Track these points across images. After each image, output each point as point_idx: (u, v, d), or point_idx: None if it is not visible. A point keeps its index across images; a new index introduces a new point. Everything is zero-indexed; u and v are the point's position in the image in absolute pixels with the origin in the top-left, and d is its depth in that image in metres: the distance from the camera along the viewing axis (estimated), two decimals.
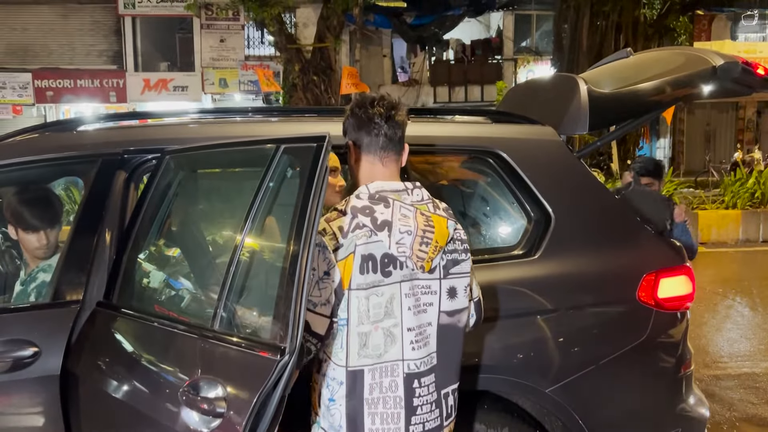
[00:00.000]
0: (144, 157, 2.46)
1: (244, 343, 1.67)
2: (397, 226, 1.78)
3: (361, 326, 1.77)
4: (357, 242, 1.76)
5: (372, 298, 1.77)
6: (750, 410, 4.37)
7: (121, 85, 19.43)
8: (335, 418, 1.80)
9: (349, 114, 1.92)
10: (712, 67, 2.66)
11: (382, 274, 1.78)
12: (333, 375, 1.80)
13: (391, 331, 1.79)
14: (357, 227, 1.78)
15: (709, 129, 23.46)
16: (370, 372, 1.79)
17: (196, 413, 1.64)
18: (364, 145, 1.90)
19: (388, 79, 21.03)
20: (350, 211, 1.80)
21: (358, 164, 1.92)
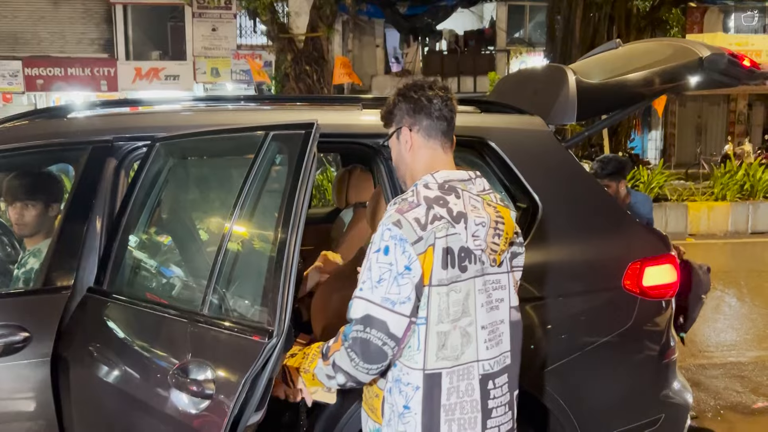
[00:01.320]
0: (134, 144, 2.47)
1: (233, 327, 1.70)
2: (471, 218, 1.67)
3: (440, 325, 1.66)
4: (437, 234, 1.63)
5: (451, 295, 1.66)
6: (734, 398, 4.43)
7: (113, 74, 19.32)
8: (408, 426, 1.67)
9: (401, 98, 1.80)
10: (698, 58, 2.68)
11: (459, 269, 1.66)
12: (407, 380, 1.67)
13: (467, 330, 1.69)
14: (435, 218, 1.64)
15: (700, 121, 23.58)
16: (447, 375, 1.67)
17: (185, 395, 1.66)
18: (425, 130, 1.78)
19: (381, 69, 21.00)
20: (423, 201, 1.66)
21: (414, 151, 1.79)
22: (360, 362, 1.59)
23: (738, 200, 11.11)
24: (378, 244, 1.64)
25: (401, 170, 1.86)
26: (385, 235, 1.63)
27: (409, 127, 1.79)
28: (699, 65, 2.69)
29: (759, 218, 10.91)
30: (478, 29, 21.81)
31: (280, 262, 1.56)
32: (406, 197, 1.71)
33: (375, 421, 1.77)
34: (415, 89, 1.79)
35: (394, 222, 1.63)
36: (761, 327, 6.08)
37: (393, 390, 1.70)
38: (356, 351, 1.59)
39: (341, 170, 4.18)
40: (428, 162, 1.79)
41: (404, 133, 1.80)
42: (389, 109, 1.84)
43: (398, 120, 1.81)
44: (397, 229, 1.62)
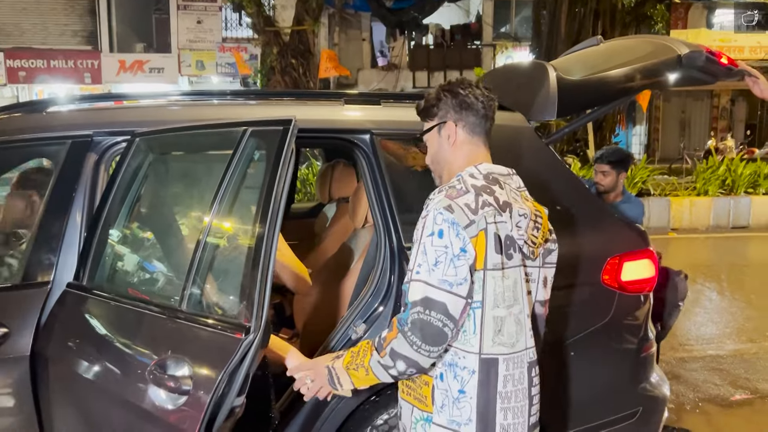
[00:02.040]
0: (114, 139, 2.46)
1: (211, 323, 1.70)
2: (515, 208, 1.73)
3: (496, 309, 1.68)
4: (487, 220, 1.67)
5: (504, 281, 1.69)
6: (713, 391, 4.49)
7: (96, 66, 19.12)
8: (463, 411, 1.67)
9: (447, 93, 1.83)
10: (677, 55, 2.71)
11: (506, 257, 1.70)
12: (463, 364, 1.68)
13: (519, 318, 1.72)
14: (485, 204, 1.68)
15: (684, 117, 23.76)
16: (504, 362, 1.69)
17: (163, 391, 1.66)
18: (470, 126, 1.82)
19: (367, 63, 20.95)
20: (471, 188, 1.71)
21: (457, 147, 1.83)
22: (422, 345, 1.59)
23: (720, 195, 11.23)
24: (431, 227, 1.65)
25: (438, 164, 1.89)
26: (437, 218, 1.65)
27: (454, 122, 1.83)
28: (678, 62, 2.72)
29: (740, 213, 11.04)
30: (465, 24, 21.81)
31: (257, 258, 1.57)
32: (453, 185, 1.73)
33: (423, 409, 1.75)
34: (462, 86, 1.83)
35: (445, 207, 1.65)
36: (740, 320, 6.16)
37: (446, 375, 1.70)
38: (417, 334, 1.59)
39: (324, 165, 4.18)
40: (469, 157, 1.83)
41: (448, 128, 1.83)
42: (431, 103, 1.86)
43: (442, 114, 1.84)
44: (449, 214, 1.64)
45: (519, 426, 1.72)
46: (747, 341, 5.54)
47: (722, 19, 23.27)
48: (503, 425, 1.69)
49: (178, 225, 2.26)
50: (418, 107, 1.92)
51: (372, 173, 2.63)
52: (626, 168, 4.48)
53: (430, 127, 1.88)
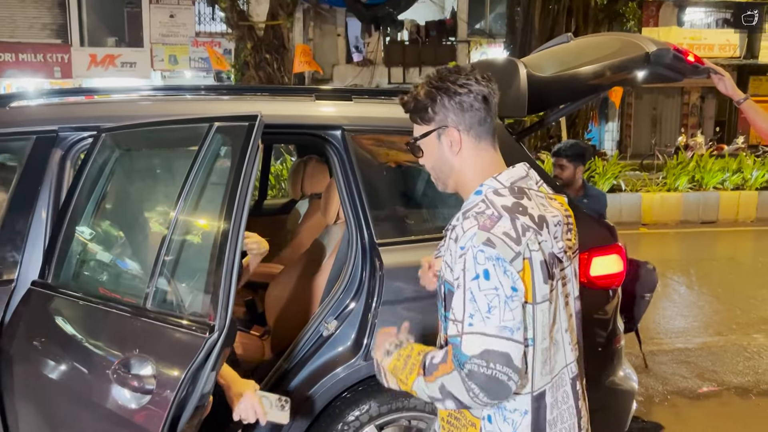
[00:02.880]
0: (80, 134, 2.43)
1: (175, 321, 1.68)
2: (549, 219, 1.54)
3: (544, 342, 1.53)
4: (531, 247, 1.47)
5: (551, 308, 1.53)
6: (681, 384, 4.57)
7: (66, 60, 18.83)
8: None
9: (443, 93, 1.56)
10: (645, 53, 2.74)
11: (551, 278, 1.53)
12: (514, 406, 1.54)
13: (556, 338, 1.57)
14: (525, 230, 1.47)
15: (655, 113, 24.10)
16: (549, 390, 1.57)
17: (127, 391, 1.64)
18: (475, 131, 1.58)
19: (342, 58, 20.91)
20: (504, 211, 1.49)
21: (463, 154, 1.59)
22: (482, 397, 1.42)
23: (689, 191, 11.41)
24: (473, 270, 1.44)
25: (442, 172, 1.65)
26: (479, 258, 1.44)
27: (456, 127, 1.58)
28: (646, 59, 2.75)
29: (708, 208, 11.23)
30: (440, 20, 21.86)
31: (222, 256, 1.55)
32: (482, 210, 1.51)
33: None
34: (457, 82, 1.55)
35: (484, 242, 1.44)
36: (708, 314, 6.28)
37: (495, 418, 1.56)
38: (478, 386, 1.41)
39: (296, 161, 4.17)
40: (483, 166, 1.60)
41: (450, 135, 1.58)
42: (424, 103, 1.59)
43: (440, 119, 1.58)
44: (491, 250, 1.44)
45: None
46: (714, 334, 5.64)
47: (692, 17, 23.65)
48: None
49: (144, 222, 2.23)
50: (406, 105, 1.65)
51: (343, 169, 2.62)
52: (584, 161, 4.51)
53: (426, 133, 1.62)
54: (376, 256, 2.52)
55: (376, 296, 2.50)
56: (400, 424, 2.60)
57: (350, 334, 2.52)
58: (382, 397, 2.52)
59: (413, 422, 2.61)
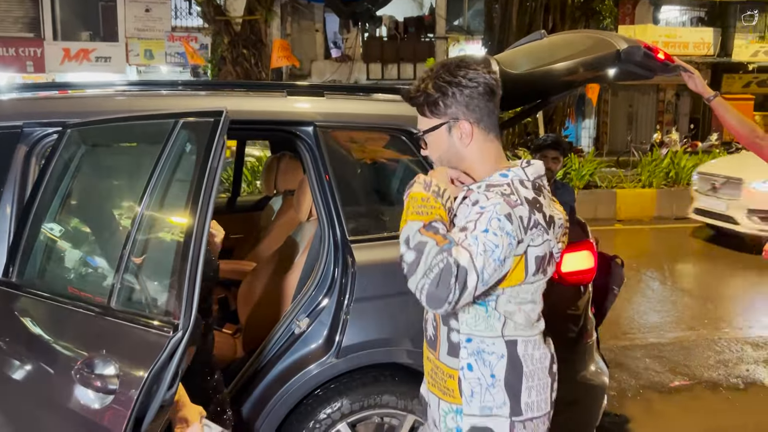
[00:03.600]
0: (45, 130, 2.38)
1: (139, 320, 1.66)
2: (556, 221, 1.66)
3: (508, 305, 1.66)
4: (532, 242, 1.59)
5: (523, 287, 1.66)
6: (654, 378, 4.62)
7: (39, 55, 18.52)
8: (497, 396, 1.68)
9: (455, 87, 1.62)
10: (616, 50, 2.75)
11: (542, 273, 1.67)
12: (491, 349, 1.67)
13: (530, 315, 1.71)
14: (534, 225, 1.58)
15: (631, 110, 24.34)
16: (523, 343, 1.69)
17: (90, 391, 1.62)
18: (485, 123, 1.65)
19: (320, 54, 20.82)
20: (525, 202, 1.58)
21: (474, 147, 1.67)
22: (428, 282, 1.46)
23: (663, 187, 11.54)
24: (485, 225, 1.52)
25: (451, 164, 1.70)
26: (493, 223, 1.52)
27: (467, 119, 1.64)
28: (617, 57, 2.77)
29: (683, 204, 11.37)
30: (418, 16, 21.86)
31: (186, 253, 1.53)
32: (508, 192, 1.59)
33: (450, 401, 1.73)
34: (467, 75, 1.62)
35: (505, 215, 1.53)
36: (681, 309, 6.36)
37: (475, 365, 1.68)
38: (439, 273, 1.46)
39: (270, 157, 4.14)
40: (490, 157, 1.68)
41: (462, 127, 1.65)
42: (435, 98, 1.64)
43: (453, 112, 1.64)
44: (508, 224, 1.53)
45: (542, 402, 1.73)
46: (686, 329, 5.71)
47: (668, 15, 23.93)
48: (527, 403, 1.70)
49: (110, 219, 2.19)
50: (414, 99, 1.69)
51: (315, 165, 2.61)
52: (564, 153, 4.59)
53: (436, 126, 1.67)
54: (348, 253, 2.51)
55: (348, 293, 2.49)
56: (373, 421, 2.59)
57: (322, 332, 2.51)
58: (354, 394, 2.51)
59: (385, 419, 2.61)
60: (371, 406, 2.53)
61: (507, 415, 1.69)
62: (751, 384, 4.55)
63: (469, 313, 1.68)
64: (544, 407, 1.75)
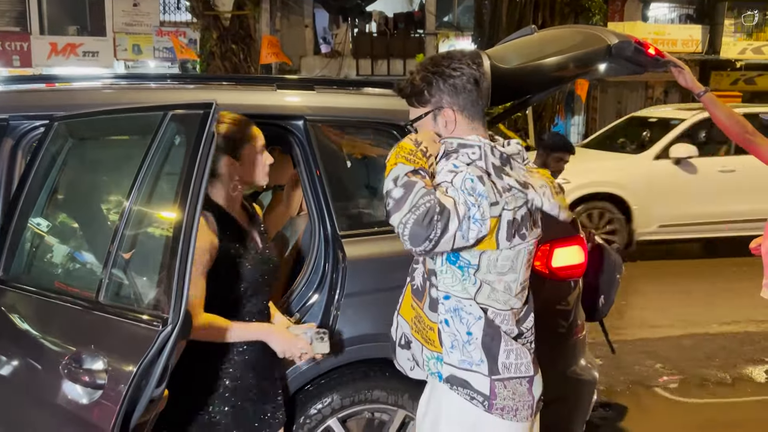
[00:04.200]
0: (32, 123, 2.35)
1: (127, 314, 1.64)
2: (534, 183, 1.76)
3: (488, 275, 1.74)
4: (507, 206, 1.68)
5: (502, 254, 1.73)
6: (643, 373, 4.65)
7: (26, 49, 18.32)
8: (474, 354, 1.76)
9: (438, 76, 1.73)
10: (607, 45, 2.75)
11: (519, 237, 1.73)
12: (469, 310, 1.76)
13: (510, 285, 1.79)
14: (505, 189, 1.69)
15: (620, 107, 24.39)
16: (494, 314, 1.78)
17: (78, 386, 1.60)
18: (468, 111, 1.76)
19: (310, 50, 20.72)
20: (492, 169, 1.70)
21: (458, 133, 1.77)
22: (412, 219, 1.55)
23: None
24: (461, 183, 1.62)
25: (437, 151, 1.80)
26: (466, 183, 1.62)
27: (451, 107, 1.75)
28: (607, 52, 2.76)
29: None
30: (408, 12, 21.80)
31: (175, 247, 1.51)
32: (474, 160, 1.71)
33: (432, 350, 1.83)
34: (452, 66, 1.73)
35: (477, 176, 1.63)
36: (669, 305, 6.39)
37: (452, 321, 1.76)
38: (424, 213, 1.54)
39: None
40: None
41: (446, 115, 1.76)
42: (420, 87, 1.76)
43: (436, 101, 1.76)
44: (480, 185, 1.62)
45: (517, 365, 1.80)
46: (672, 326, 5.74)
47: (657, 12, 24.00)
48: (505, 364, 1.77)
49: (98, 213, 2.17)
50: (403, 91, 1.81)
51: (306, 160, 2.59)
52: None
53: (422, 114, 1.79)
54: (339, 248, 2.50)
55: (339, 288, 2.48)
56: (363, 416, 2.59)
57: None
58: (344, 389, 2.50)
59: (376, 414, 2.60)
60: (362, 401, 2.52)
61: (486, 373, 1.77)
62: (739, 379, 4.59)
63: (447, 273, 1.76)
64: (524, 371, 1.81)
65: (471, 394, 1.79)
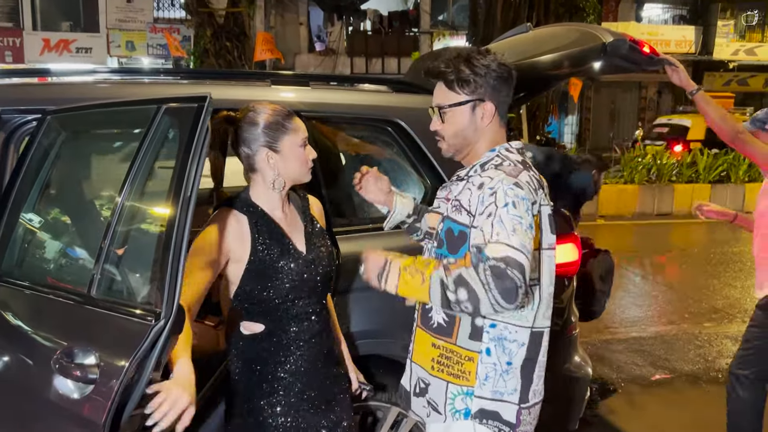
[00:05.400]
0: (24, 117, 2.33)
1: (120, 308, 1.62)
2: (543, 183, 1.79)
3: (550, 287, 1.77)
4: (542, 201, 1.72)
5: (553, 256, 1.77)
6: (635, 371, 4.66)
7: (18, 45, 18.24)
8: (509, 383, 1.74)
9: (489, 70, 1.74)
10: (602, 43, 2.75)
11: (555, 235, 1.79)
12: (514, 337, 1.74)
13: (551, 301, 1.82)
14: (539, 186, 1.73)
15: (614, 107, 24.48)
16: (546, 335, 1.80)
17: (69, 381, 1.58)
18: (502, 108, 1.80)
19: (304, 47, 20.70)
20: (520, 164, 1.73)
21: (488, 127, 1.80)
22: (494, 289, 1.52)
23: (645, 184, 11.63)
24: (504, 199, 1.63)
25: (465, 140, 1.81)
26: (509, 193, 1.63)
27: (492, 101, 1.77)
28: (603, 50, 2.77)
29: (664, 201, 11.47)
30: (402, 10, 21.81)
31: (168, 241, 1.50)
32: (499, 162, 1.74)
33: (461, 384, 1.78)
34: (497, 60, 1.75)
35: (513, 183, 1.65)
36: (662, 304, 6.42)
37: (494, 350, 1.74)
38: (492, 278, 1.52)
39: None
40: (498, 138, 1.82)
41: (486, 108, 1.77)
42: (467, 76, 1.75)
43: (481, 92, 1.76)
44: (519, 190, 1.64)
45: (541, 389, 1.84)
46: (667, 323, 5.77)
47: (650, 13, 24.09)
48: (534, 390, 1.80)
49: (90, 208, 2.15)
50: (443, 74, 1.78)
51: None
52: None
53: (462, 101, 1.78)
54: (333, 245, 2.48)
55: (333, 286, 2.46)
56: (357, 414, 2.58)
57: None
58: None
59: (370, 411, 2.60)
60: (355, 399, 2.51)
61: (516, 401, 1.76)
62: None
63: None
64: (541, 393, 1.84)
65: (500, 426, 1.77)
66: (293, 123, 1.96)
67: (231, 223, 1.90)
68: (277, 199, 2.00)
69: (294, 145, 1.95)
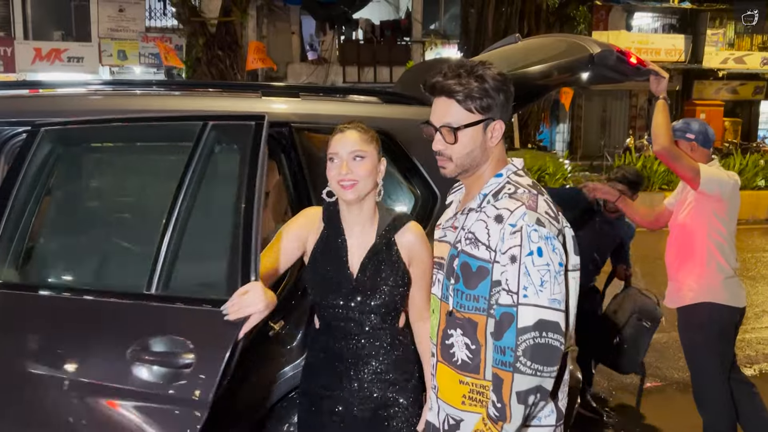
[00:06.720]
0: (14, 129, 2.34)
1: (204, 301, 1.89)
2: None
3: (574, 309, 1.71)
4: (564, 222, 1.68)
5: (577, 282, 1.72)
6: (626, 379, 4.67)
7: (9, 54, 18.18)
8: (546, 408, 1.71)
9: (500, 89, 1.69)
10: (589, 54, 2.79)
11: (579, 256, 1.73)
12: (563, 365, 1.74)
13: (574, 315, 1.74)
14: (558, 209, 1.69)
15: (605, 115, 24.63)
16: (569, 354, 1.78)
17: (162, 368, 1.84)
18: (504, 125, 1.75)
19: (296, 56, 20.76)
20: (533, 189, 1.69)
21: (496, 146, 1.75)
22: (544, 368, 1.54)
23: None
24: (528, 246, 1.59)
25: (474, 160, 1.74)
26: (532, 236, 1.59)
27: (500, 119, 1.73)
28: (590, 60, 2.80)
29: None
30: (394, 19, 21.91)
31: (247, 236, 1.76)
32: (513, 190, 1.69)
33: None
34: (505, 78, 1.71)
35: (535, 221, 1.61)
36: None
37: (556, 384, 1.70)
38: (536, 359, 1.54)
39: None
40: (501, 157, 1.78)
41: (497, 128, 1.72)
42: (480, 95, 1.67)
43: (495, 112, 1.71)
44: (543, 228, 1.60)
45: (565, 401, 1.80)
46: (658, 331, 5.77)
47: (641, 22, 24.29)
48: (562, 404, 1.77)
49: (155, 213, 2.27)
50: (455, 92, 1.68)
51: (291, 166, 2.60)
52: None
53: (477, 121, 1.70)
54: None
55: None
56: None
57: (297, 334, 2.49)
58: None
59: None
60: None
61: (553, 423, 1.74)
62: None
63: None
64: (564, 404, 1.81)
65: None
66: (332, 137, 2.04)
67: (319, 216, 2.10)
68: (344, 209, 2.06)
69: (329, 159, 2.03)
